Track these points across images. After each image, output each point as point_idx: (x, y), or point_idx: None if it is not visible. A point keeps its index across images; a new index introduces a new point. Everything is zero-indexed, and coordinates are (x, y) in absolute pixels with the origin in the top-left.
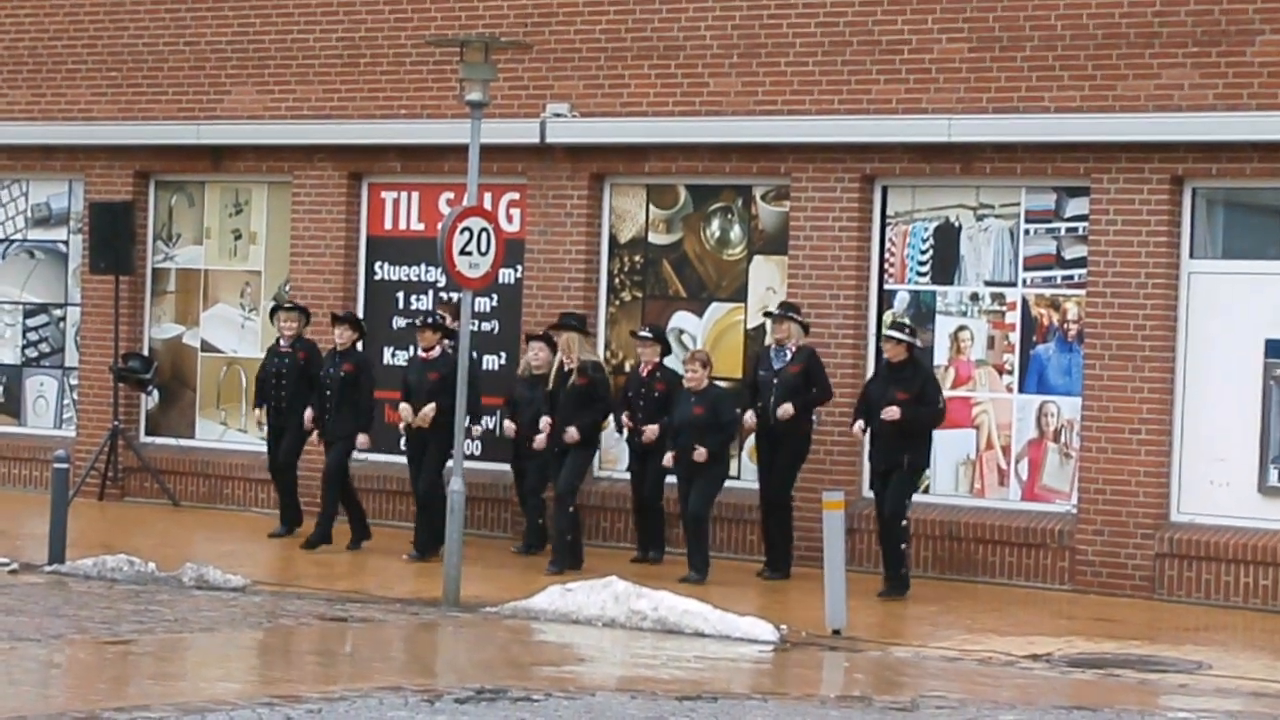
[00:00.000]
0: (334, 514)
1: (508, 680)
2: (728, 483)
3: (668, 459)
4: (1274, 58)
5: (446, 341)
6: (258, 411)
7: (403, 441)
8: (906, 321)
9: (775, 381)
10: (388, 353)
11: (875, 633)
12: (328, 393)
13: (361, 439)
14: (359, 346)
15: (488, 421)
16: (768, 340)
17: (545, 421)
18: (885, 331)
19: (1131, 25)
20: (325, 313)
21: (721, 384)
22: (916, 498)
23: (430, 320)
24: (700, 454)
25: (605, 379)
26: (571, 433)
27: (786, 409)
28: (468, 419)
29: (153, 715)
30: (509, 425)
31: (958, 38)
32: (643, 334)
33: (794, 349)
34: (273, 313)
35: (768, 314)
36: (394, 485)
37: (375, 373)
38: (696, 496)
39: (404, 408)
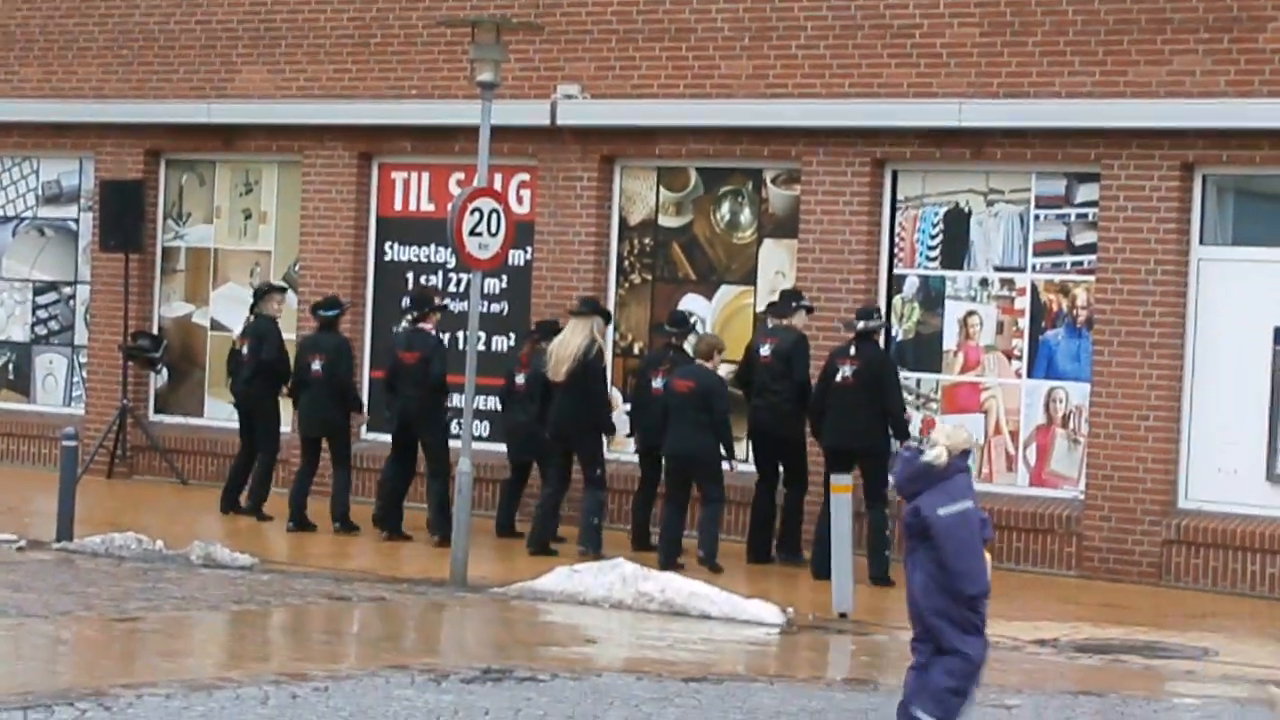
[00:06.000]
0: None
1: (514, 660)
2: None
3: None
4: None
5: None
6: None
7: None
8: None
9: None
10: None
11: (882, 616)
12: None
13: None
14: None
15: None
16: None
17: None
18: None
19: (1143, 11)
20: (336, 293)
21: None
22: None
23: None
24: None
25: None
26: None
27: None
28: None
29: (159, 692)
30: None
31: (969, 22)
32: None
33: None
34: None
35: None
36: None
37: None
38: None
39: None
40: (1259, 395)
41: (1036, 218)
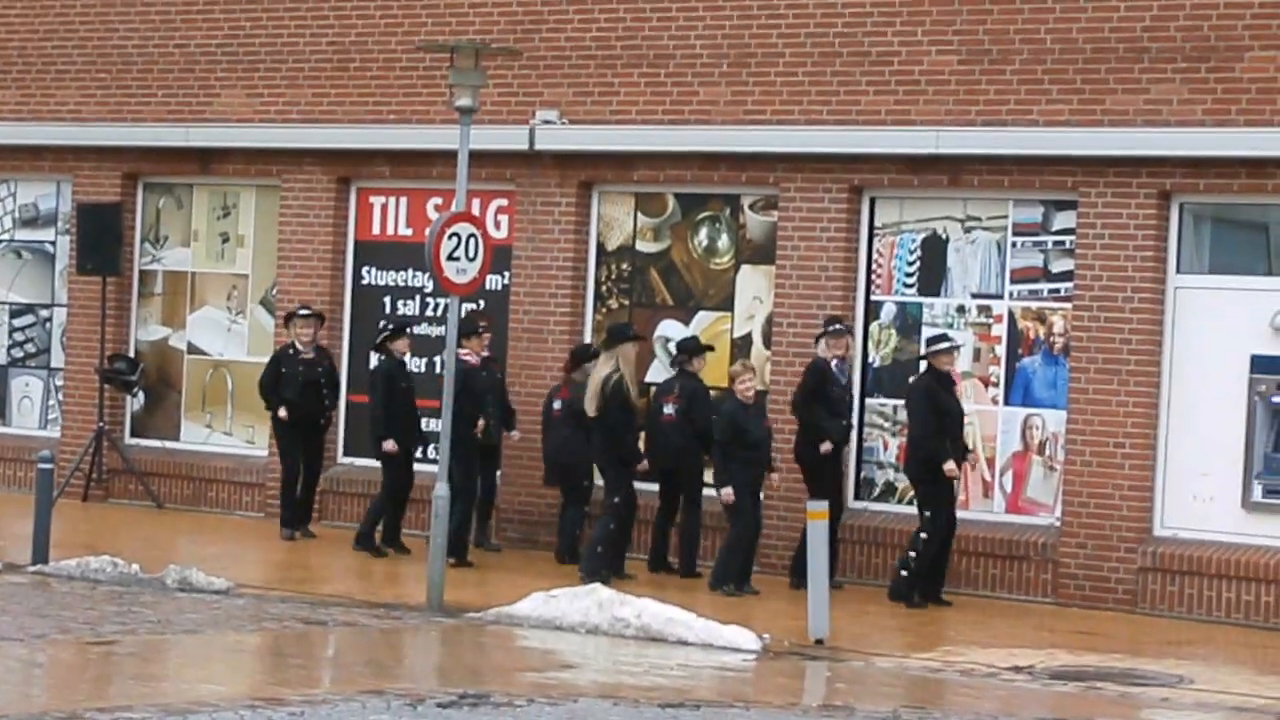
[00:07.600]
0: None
1: (490, 685)
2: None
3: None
4: (1263, 74)
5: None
6: (283, 411)
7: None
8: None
9: (847, 399)
10: (374, 358)
11: (858, 643)
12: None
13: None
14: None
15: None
16: (825, 354)
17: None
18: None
19: (1121, 40)
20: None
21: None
22: (898, 508)
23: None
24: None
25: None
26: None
27: None
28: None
29: (135, 716)
30: None
31: (947, 50)
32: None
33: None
34: (288, 319)
35: (839, 328)
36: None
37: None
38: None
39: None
40: (1235, 423)
41: (1014, 245)
